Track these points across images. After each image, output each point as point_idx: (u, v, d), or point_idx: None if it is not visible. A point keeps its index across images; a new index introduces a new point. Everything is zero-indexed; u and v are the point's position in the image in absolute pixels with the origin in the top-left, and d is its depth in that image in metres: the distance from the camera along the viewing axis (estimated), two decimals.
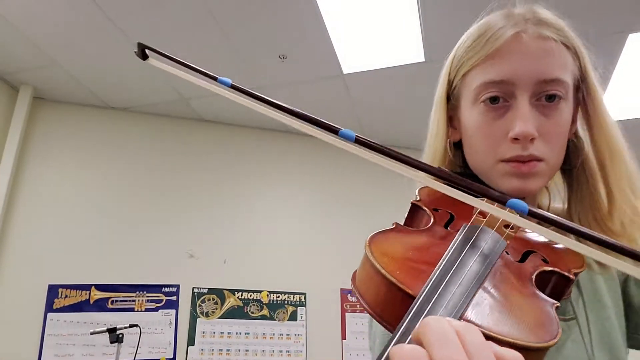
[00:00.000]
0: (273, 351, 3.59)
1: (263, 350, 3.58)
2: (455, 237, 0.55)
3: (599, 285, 0.71)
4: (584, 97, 0.69)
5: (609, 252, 0.40)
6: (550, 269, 0.56)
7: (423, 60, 3.16)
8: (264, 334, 3.64)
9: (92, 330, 2.71)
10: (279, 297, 3.75)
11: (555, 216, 0.43)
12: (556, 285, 0.56)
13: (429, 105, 0.84)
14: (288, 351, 3.61)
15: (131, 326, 2.76)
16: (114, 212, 3.67)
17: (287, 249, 3.86)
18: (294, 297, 3.77)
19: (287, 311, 3.73)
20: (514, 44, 0.64)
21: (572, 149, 0.72)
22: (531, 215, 0.44)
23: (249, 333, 3.61)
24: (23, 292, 3.32)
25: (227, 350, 3.53)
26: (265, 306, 3.71)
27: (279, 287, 3.77)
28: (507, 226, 0.59)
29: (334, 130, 0.53)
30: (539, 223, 0.45)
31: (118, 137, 3.87)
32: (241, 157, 4.10)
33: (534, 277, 0.53)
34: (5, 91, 3.56)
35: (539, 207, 0.73)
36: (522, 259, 0.57)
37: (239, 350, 3.55)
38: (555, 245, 0.61)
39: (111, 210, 3.67)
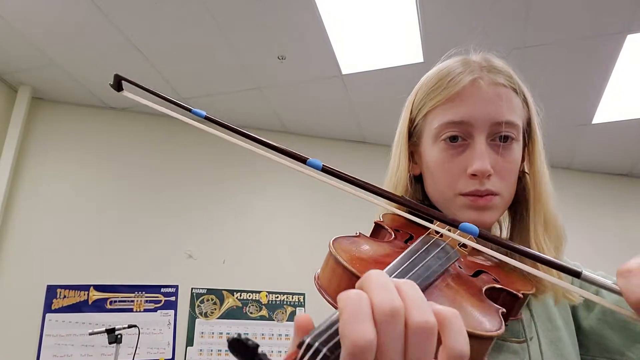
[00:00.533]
0: (272, 352, 3.59)
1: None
2: (414, 243, 0.60)
3: (550, 310, 0.76)
4: (528, 139, 0.77)
5: (547, 270, 0.49)
6: (500, 286, 0.60)
7: (422, 61, 3.17)
8: (262, 334, 3.64)
9: (90, 331, 2.70)
10: (277, 297, 3.76)
11: (501, 238, 0.50)
12: (505, 302, 0.60)
13: None
14: (287, 352, 3.61)
15: (130, 327, 2.76)
16: (113, 213, 3.66)
17: (286, 249, 3.86)
18: (292, 298, 3.77)
19: (286, 311, 3.73)
20: (471, 89, 0.71)
21: (519, 186, 0.77)
22: (481, 237, 0.50)
23: (247, 333, 3.61)
24: (21, 293, 3.32)
25: (225, 350, 3.53)
26: (264, 306, 3.72)
27: (277, 287, 3.77)
28: (461, 245, 0.66)
29: (302, 160, 0.58)
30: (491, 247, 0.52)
31: (117, 137, 3.87)
32: (240, 157, 4.10)
33: (484, 289, 0.57)
34: (3, 91, 3.56)
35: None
36: (475, 275, 0.62)
37: None
38: (506, 269, 0.66)
39: (110, 211, 3.66)
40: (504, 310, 0.54)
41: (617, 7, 2.67)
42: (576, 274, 0.47)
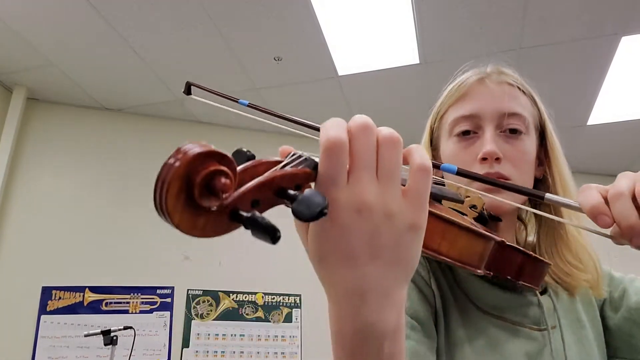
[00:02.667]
0: (268, 353, 3.58)
1: (258, 352, 3.57)
2: None
3: (577, 306, 0.78)
4: (545, 140, 0.82)
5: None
6: (509, 243, 0.64)
7: (418, 62, 3.17)
8: (259, 335, 3.63)
9: (86, 333, 2.69)
10: (274, 298, 3.75)
11: (476, 173, 0.56)
12: (515, 260, 0.64)
13: (423, 106, 0.87)
14: (283, 353, 3.60)
15: (125, 328, 2.75)
16: (108, 214, 3.65)
17: (282, 250, 3.84)
18: (289, 299, 3.77)
19: (282, 313, 3.73)
20: (479, 87, 0.78)
21: (541, 188, 0.81)
22: (459, 174, 0.54)
23: (244, 335, 3.60)
24: (16, 294, 3.30)
25: (222, 352, 3.52)
26: (260, 308, 3.71)
27: (274, 288, 3.77)
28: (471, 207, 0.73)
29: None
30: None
31: (112, 138, 3.86)
32: None
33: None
34: None
35: (517, 240, 0.83)
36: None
37: (234, 352, 3.54)
38: None
39: (105, 212, 3.65)
40: (504, 239, 0.60)
41: (612, 9, 2.68)
42: (540, 197, 0.52)
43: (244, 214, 0.32)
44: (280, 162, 0.38)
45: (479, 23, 2.84)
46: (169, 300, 3.54)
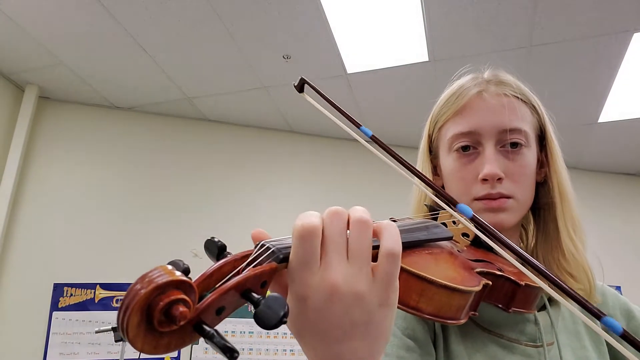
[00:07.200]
0: (277, 350, 3.60)
1: (267, 349, 3.59)
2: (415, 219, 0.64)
3: (578, 328, 0.77)
4: (545, 146, 0.81)
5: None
6: (501, 273, 0.61)
7: (427, 59, 3.16)
8: (268, 332, 3.64)
9: (97, 329, 2.71)
10: None
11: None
12: (507, 291, 0.62)
13: (432, 104, 0.86)
14: (292, 350, 3.61)
15: None
16: (119, 211, 3.68)
17: None
18: None
19: None
20: (477, 101, 0.76)
21: (542, 192, 0.81)
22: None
23: (252, 332, 3.61)
24: (28, 291, 3.34)
25: None
26: None
27: None
28: (463, 235, 0.70)
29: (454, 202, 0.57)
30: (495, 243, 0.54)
31: (123, 136, 3.89)
32: (245, 156, 4.11)
33: (476, 269, 0.59)
34: (10, 91, 3.58)
35: (521, 246, 0.83)
36: (475, 260, 0.63)
37: (243, 349, 3.56)
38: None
39: (116, 209, 3.68)
40: (489, 282, 0.57)
41: (623, 5, 2.65)
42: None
43: (207, 328, 0.34)
44: (247, 256, 0.40)
45: (488, 21, 2.82)
46: None
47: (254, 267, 0.39)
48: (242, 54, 3.19)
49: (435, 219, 0.71)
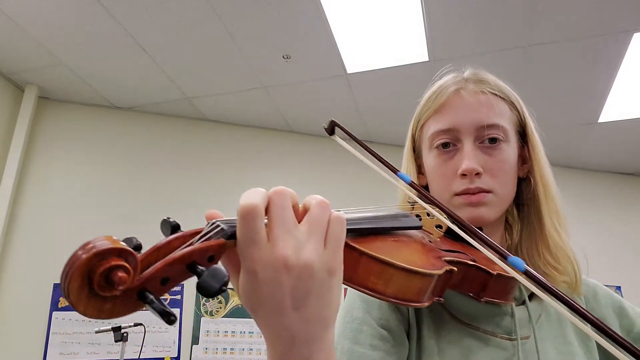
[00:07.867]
0: None
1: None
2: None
3: (564, 324, 0.77)
4: (526, 141, 0.82)
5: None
6: (473, 263, 0.62)
7: (427, 59, 3.16)
8: None
9: (97, 329, 2.72)
10: None
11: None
12: (480, 280, 0.63)
13: None
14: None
15: (136, 325, 2.77)
16: (119, 211, 3.68)
17: None
18: None
19: None
20: (455, 99, 0.78)
21: (525, 187, 0.82)
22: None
23: (252, 332, 3.62)
24: (28, 291, 3.34)
25: (231, 349, 3.54)
26: None
27: None
28: (437, 227, 0.72)
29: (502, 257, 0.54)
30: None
31: (123, 136, 3.89)
32: (245, 156, 4.11)
33: (445, 258, 0.60)
34: (10, 91, 3.58)
35: (507, 241, 0.84)
36: (447, 250, 0.64)
37: (243, 349, 3.56)
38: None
39: (115, 209, 3.68)
40: (453, 268, 0.58)
41: (623, 5, 2.65)
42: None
43: (149, 295, 0.36)
44: (198, 232, 0.41)
45: (487, 20, 2.82)
46: (178, 297, 3.57)
47: (201, 242, 0.40)
48: (242, 54, 3.19)
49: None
